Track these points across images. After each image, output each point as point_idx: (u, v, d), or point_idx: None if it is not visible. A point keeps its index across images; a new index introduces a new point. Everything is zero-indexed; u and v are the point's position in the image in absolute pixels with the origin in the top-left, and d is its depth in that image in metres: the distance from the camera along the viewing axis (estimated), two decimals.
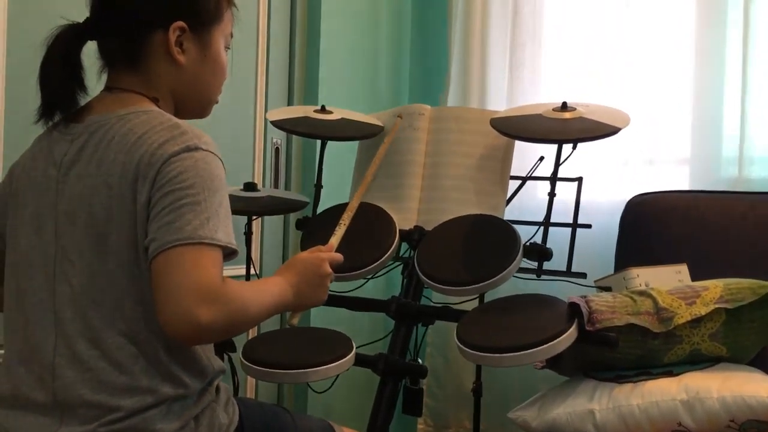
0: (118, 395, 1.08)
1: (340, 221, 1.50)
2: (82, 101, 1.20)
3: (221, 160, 1.13)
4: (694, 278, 1.75)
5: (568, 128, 1.68)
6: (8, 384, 1.16)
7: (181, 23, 1.19)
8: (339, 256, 1.34)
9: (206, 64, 1.23)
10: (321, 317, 2.28)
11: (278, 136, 2.30)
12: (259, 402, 1.38)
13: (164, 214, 1.04)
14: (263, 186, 2.28)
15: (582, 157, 2.20)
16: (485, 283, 1.61)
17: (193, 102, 1.26)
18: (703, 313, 1.55)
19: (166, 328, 1.03)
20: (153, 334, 1.10)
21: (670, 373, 1.56)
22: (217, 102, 1.31)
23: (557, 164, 1.71)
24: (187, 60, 1.20)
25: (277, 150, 2.31)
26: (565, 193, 1.82)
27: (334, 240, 1.42)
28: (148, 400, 1.09)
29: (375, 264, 1.75)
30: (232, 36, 1.30)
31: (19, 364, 1.14)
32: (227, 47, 1.29)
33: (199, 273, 1.02)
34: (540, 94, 2.44)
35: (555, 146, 1.72)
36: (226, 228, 1.07)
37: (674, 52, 2.25)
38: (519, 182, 1.93)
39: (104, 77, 1.23)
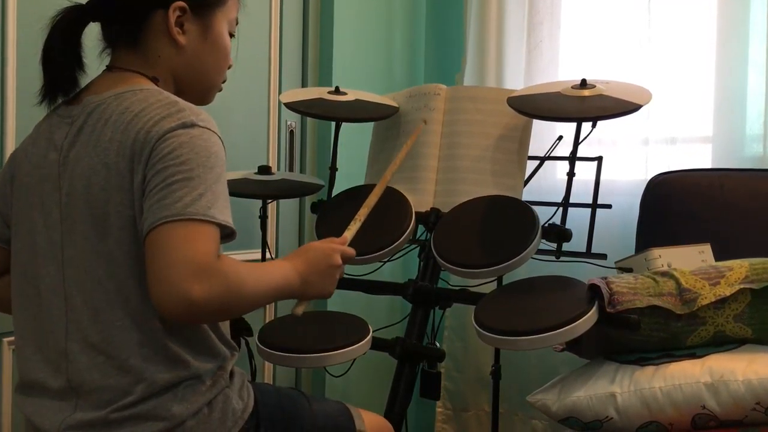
0: (129, 380, 1.07)
1: (356, 216, 1.43)
2: (83, 82, 1.19)
3: (221, 138, 1.10)
4: (718, 259, 1.71)
5: (588, 106, 1.64)
6: (24, 371, 1.16)
7: (181, 3, 1.18)
8: (351, 251, 1.30)
9: (207, 46, 1.22)
10: (338, 301, 2.26)
11: (292, 119, 2.28)
12: (275, 387, 1.37)
13: (156, 191, 1.02)
14: (278, 169, 2.26)
15: (602, 137, 2.18)
16: (503, 265, 1.58)
17: (194, 85, 1.24)
18: (728, 294, 1.51)
19: (158, 307, 1.00)
20: (158, 315, 1.08)
21: (693, 356, 1.53)
22: (220, 89, 1.29)
23: (576, 143, 1.67)
24: (187, 41, 1.20)
25: (291, 133, 2.29)
26: (585, 173, 1.78)
27: (348, 234, 1.37)
28: (159, 385, 1.08)
29: (391, 247, 1.72)
30: (237, 23, 1.29)
31: (33, 351, 1.14)
32: (232, 34, 1.27)
33: (191, 248, 0.98)
34: (559, 73, 2.39)
35: (574, 125, 1.68)
36: (223, 206, 1.04)
37: (696, 28, 2.20)
38: (537, 163, 1.90)
39: (106, 59, 1.22)
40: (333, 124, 1.97)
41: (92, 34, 1.21)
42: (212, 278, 0.98)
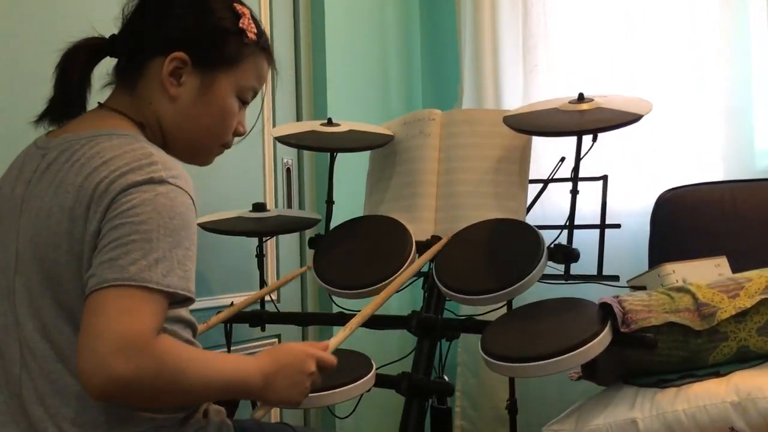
0: (91, 429, 0.99)
1: (347, 325, 1.34)
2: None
3: (192, 197, 1.03)
4: (735, 271, 1.63)
5: (586, 120, 1.59)
6: None
7: (181, 54, 1.12)
8: (331, 359, 1.17)
9: (201, 105, 1.14)
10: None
11: (289, 156, 2.24)
12: (259, 423, 1.28)
13: (109, 249, 0.94)
14: (276, 207, 2.21)
15: (608, 158, 2.12)
16: (509, 289, 1.51)
17: (181, 141, 1.16)
18: (749, 306, 1.43)
19: (80, 378, 0.92)
20: None
21: (717, 374, 1.44)
22: (219, 153, 1.23)
23: (578, 158, 1.61)
24: (181, 94, 1.13)
25: (288, 170, 2.24)
26: (592, 198, 1.74)
27: (334, 341, 1.25)
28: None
29: (390, 279, 1.65)
30: (255, 93, 1.21)
31: None
32: (244, 101, 1.20)
33: (128, 320, 0.91)
34: (558, 94, 2.33)
35: (575, 146, 1.62)
36: (182, 272, 0.96)
37: (698, 40, 2.14)
38: (540, 187, 1.83)
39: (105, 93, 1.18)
40: (328, 157, 1.92)
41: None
42: (141, 357, 0.90)
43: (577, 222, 1.64)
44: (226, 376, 1.02)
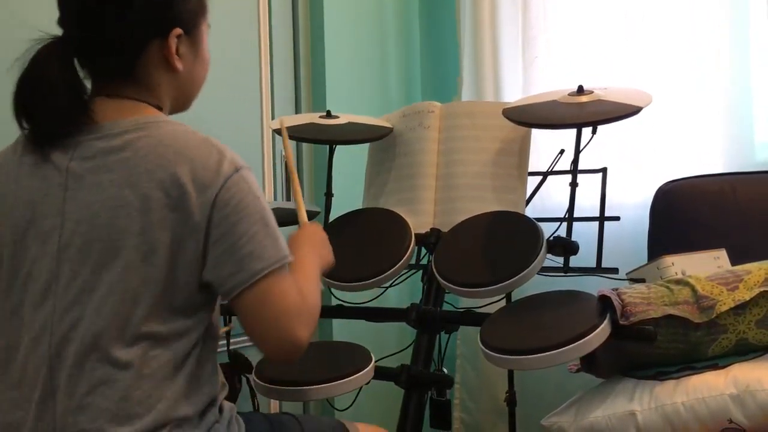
0: (116, 423, 1.01)
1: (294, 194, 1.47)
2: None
3: None
4: (734, 264, 1.63)
5: (586, 112, 1.58)
6: (4, 415, 1.07)
7: (178, 30, 1.12)
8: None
9: (198, 63, 1.19)
10: (344, 330, 2.19)
11: None
12: (264, 414, 1.31)
13: (242, 245, 1.04)
14: (275, 199, 2.21)
15: (606, 153, 2.11)
16: (508, 282, 1.52)
17: (185, 100, 1.22)
18: (748, 299, 1.43)
19: (271, 354, 1.10)
20: (154, 357, 1.03)
21: (716, 366, 1.45)
22: None
23: (577, 151, 1.61)
24: (184, 65, 1.15)
25: (287, 162, 2.24)
26: (591, 190, 1.72)
27: (303, 216, 1.41)
28: (147, 427, 1.01)
29: (390, 271, 1.66)
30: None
31: (12, 388, 1.06)
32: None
33: (288, 296, 1.07)
34: (558, 86, 2.33)
35: (574, 139, 1.62)
36: (283, 241, 1.10)
37: (698, 38, 2.13)
38: (539, 179, 1.83)
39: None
40: (327, 149, 1.92)
41: None
42: (308, 317, 1.10)
43: (576, 214, 1.64)
44: (318, 276, 1.23)
